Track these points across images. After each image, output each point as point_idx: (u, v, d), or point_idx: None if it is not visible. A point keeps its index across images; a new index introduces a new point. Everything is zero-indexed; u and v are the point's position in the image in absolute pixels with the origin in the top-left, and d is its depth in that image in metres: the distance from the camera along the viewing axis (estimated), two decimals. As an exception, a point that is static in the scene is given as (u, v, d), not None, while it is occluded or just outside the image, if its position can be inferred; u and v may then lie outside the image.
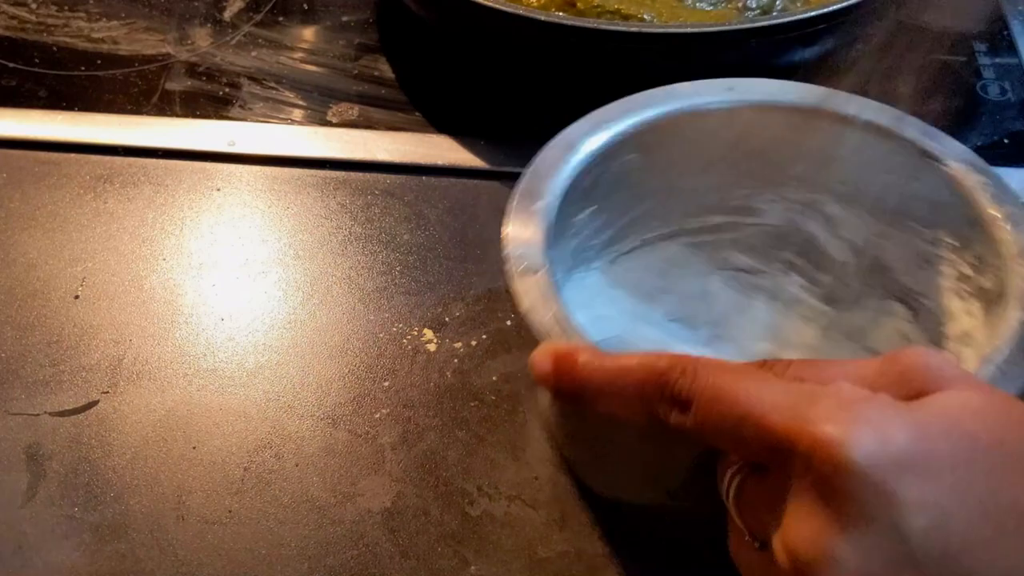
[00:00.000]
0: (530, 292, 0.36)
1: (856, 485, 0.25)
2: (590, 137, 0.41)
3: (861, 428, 0.26)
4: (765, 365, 0.31)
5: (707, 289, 0.46)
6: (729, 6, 0.59)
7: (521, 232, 0.38)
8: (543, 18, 0.51)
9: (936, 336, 0.41)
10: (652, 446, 0.36)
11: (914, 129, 0.41)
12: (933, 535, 0.25)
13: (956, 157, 0.40)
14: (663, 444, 0.34)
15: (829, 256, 0.44)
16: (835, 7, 0.51)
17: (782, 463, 0.27)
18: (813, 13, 0.51)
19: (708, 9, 0.58)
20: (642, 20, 0.56)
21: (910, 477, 0.25)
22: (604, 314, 0.45)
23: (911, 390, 0.28)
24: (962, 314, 0.40)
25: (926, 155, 0.40)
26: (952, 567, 0.25)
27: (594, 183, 0.41)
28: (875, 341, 0.43)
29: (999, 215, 0.38)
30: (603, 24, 0.52)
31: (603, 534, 0.41)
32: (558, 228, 0.40)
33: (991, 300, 0.38)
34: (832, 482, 0.25)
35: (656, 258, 0.47)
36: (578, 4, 0.57)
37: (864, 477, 0.25)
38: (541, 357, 0.33)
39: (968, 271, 0.40)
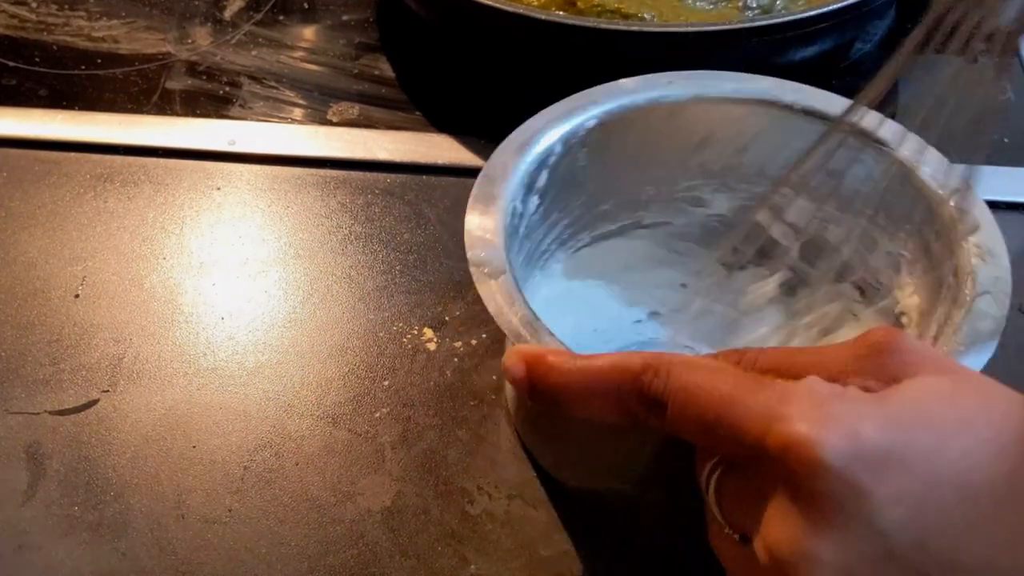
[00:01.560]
0: (496, 296, 0.36)
1: (830, 484, 0.25)
2: (540, 137, 0.41)
3: (832, 427, 0.26)
4: (735, 356, 0.31)
5: (665, 280, 0.47)
6: (729, 5, 0.59)
7: (481, 236, 0.38)
8: (543, 17, 0.51)
9: (890, 318, 0.41)
10: (622, 440, 0.36)
11: (855, 114, 0.41)
12: (910, 526, 0.25)
13: (899, 140, 0.40)
14: (629, 435, 0.34)
15: (778, 243, 0.45)
16: (835, 7, 0.51)
17: (757, 462, 0.27)
18: (813, 13, 0.51)
19: (708, 9, 0.58)
20: (642, 19, 0.56)
21: (883, 472, 0.25)
22: (568, 310, 0.45)
23: (883, 375, 0.28)
24: (915, 295, 0.40)
25: (869, 139, 0.41)
26: (932, 554, 0.26)
27: (547, 183, 0.42)
28: (832, 324, 0.44)
29: (945, 195, 0.39)
30: (603, 23, 0.52)
31: (602, 534, 0.41)
32: (516, 229, 0.40)
33: (943, 282, 0.38)
34: (807, 482, 0.26)
35: (613, 252, 0.47)
36: (578, 3, 0.57)
37: (837, 476, 0.25)
38: (513, 361, 0.33)
39: (918, 253, 0.40)
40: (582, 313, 0.46)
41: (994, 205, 0.54)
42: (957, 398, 0.27)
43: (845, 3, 0.52)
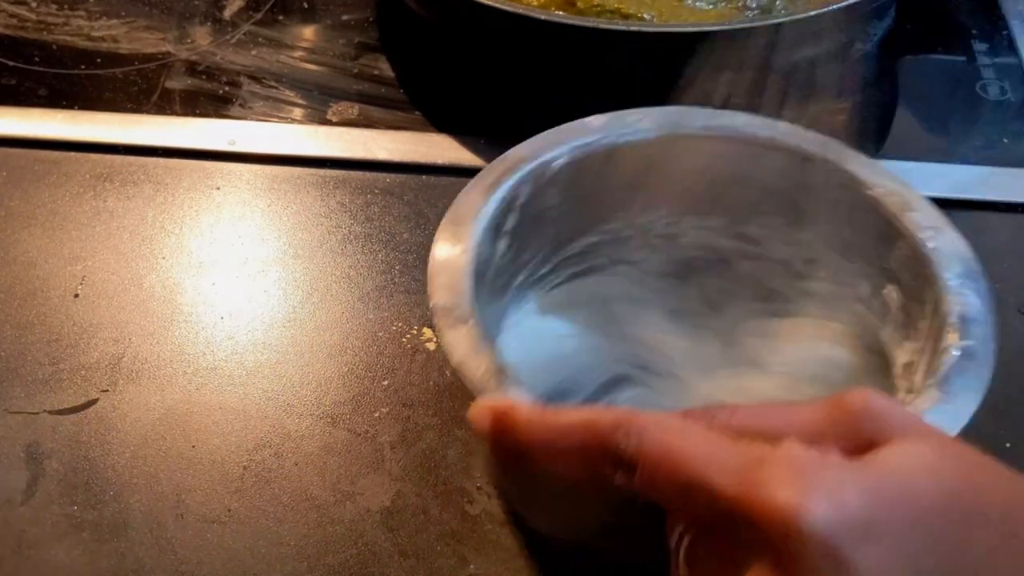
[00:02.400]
0: (461, 344, 0.35)
1: (812, 554, 0.25)
2: (507, 179, 0.41)
3: (814, 494, 0.25)
4: (705, 416, 0.30)
5: (638, 319, 0.45)
6: (729, 5, 0.59)
7: (446, 281, 0.37)
8: (542, 17, 0.51)
9: (873, 363, 0.41)
10: (590, 492, 0.34)
11: (831, 151, 0.41)
12: None
13: (878, 179, 0.40)
14: (601, 491, 0.34)
15: (752, 277, 0.44)
16: (835, 7, 0.51)
17: (733, 528, 0.26)
18: (813, 13, 0.51)
19: (708, 8, 0.58)
20: (642, 19, 0.56)
21: (866, 544, 0.25)
22: (541, 349, 0.45)
23: (860, 439, 0.27)
24: (897, 337, 0.40)
25: (846, 176, 0.40)
26: None
27: (515, 224, 0.41)
28: (809, 365, 0.43)
29: (923, 236, 0.38)
30: (603, 23, 0.52)
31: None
32: (483, 274, 0.39)
33: (924, 323, 0.38)
34: (787, 551, 0.25)
35: (587, 290, 0.46)
36: (578, 3, 0.57)
37: (820, 546, 0.24)
38: (479, 414, 0.31)
39: (894, 292, 0.40)
40: (555, 352, 0.45)
41: (994, 205, 0.54)
42: (940, 470, 0.27)
43: (845, 3, 0.51)
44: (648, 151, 0.42)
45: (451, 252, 0.38)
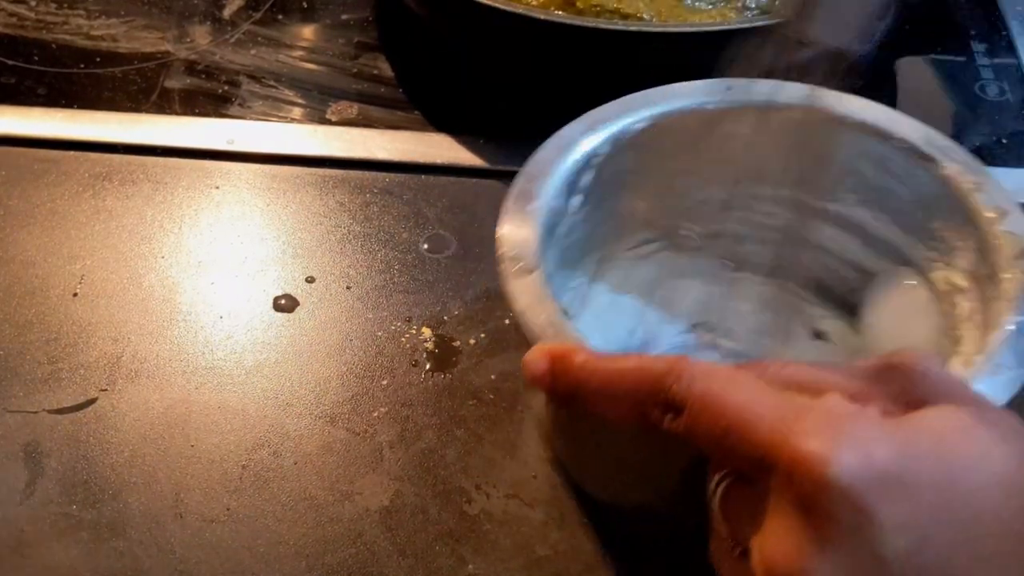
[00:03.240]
0: (525, 293, 0.36)
1: (835, 503, 0.25)
2: (585, 138, 0.41)
3: (844, 445, 0.25)
4: (758, 368, 0.31)
5: (695, 288, 0.46)
6: (728, 6, 0.59)
7: (516, 233, 0.38)
8: (542, 17, 0.51)
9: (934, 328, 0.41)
10: (645, 449, 0.35)
11: (908, 128, 0.41)
12: (911, 558, 0.25)
13: (950, 156, 0.40)
14: (656, 448, 0.34)
15: (811, 258, 0.44)
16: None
17: (765, 475, 0.27)
18: (812, 13, 0.51)
19: (707, 8, 0.58)
20: (641, 19, 0.56)
21: (891, 497, 0.25)
22: (597, 314, 0.45)
23: (906, 399, 0.28)
24: (954, 315, 0.40)
25: (920, 155, 0.40)
26: None
27: (589, 184, 0.41)
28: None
29: (994, 216, 0.38)
30: (602, 23, 0.52)
31: (600, 533, 0.41)
32: (553, 228, 0.39)
33: (984, 301, 0.38)
34: (812, 498, 0.25)
35: (647, 259, 0.47)
36: (577, 3, 0.57)
37: (844, 495, 0.25)
38: (536, 357, 0.33)
39: (960, 274, 0.40)
40: (619, 321, 0.45)
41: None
42: (975, 432, 0.27)
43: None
44: (730, 121, 0.42)
45: (522, 204, 0.38)
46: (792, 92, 0.42)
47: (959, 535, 0.25)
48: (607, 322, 0.45)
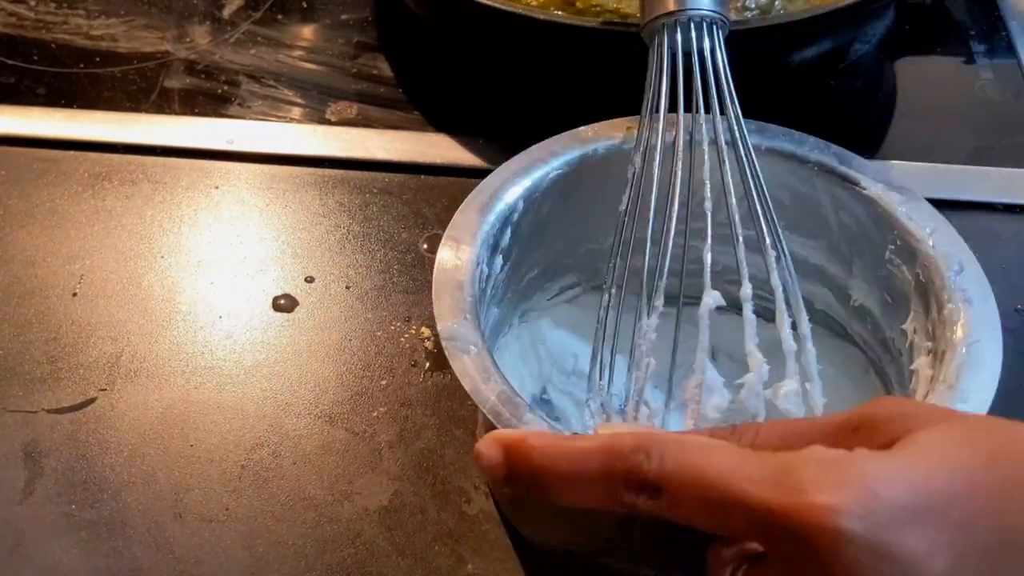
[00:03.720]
0: (469, 371, 0.35)
1: (861, 555, 0.24)
2: (501, 195, 0.41)
3: (845, 490, 0.24)
4: (728, 432, 0.30)
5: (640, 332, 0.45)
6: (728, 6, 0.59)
7: (449, 308, 0.36)
8: (541, 17, 0.51)
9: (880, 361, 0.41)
10: (610, 523, 0.34)
11: (823, 153, 0.41)
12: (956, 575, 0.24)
13: (874, 178, 0.40)
14: (623, 520, 0.33)
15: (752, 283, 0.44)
16: (835, 7, 0.51)
17: (776, 540, 0.26)
18: (812, 14, 0.51)
19: (707, 9, 0.58)
20: (641, 19, 0.56)
21: (913, 527, 0.24)
22: (541, 358, 0.45)
23: (887, 440, 0.27)
24: (904, 339, 0.39)
25: (845, 179, 0.41)
26: None
27: (510, 242, 0.41)
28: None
29: (921, 236, 0.38)
30: (602, 23, 0.52)
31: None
32: (484, 293, 0.39)
33: (929, 324, 0.37)
34: (831, 554, 0.24)
35: (571, 303, 0.46)
36: (577, 3, 0.57)
37: (866, 545, 0.24)
38: (487, 446, 0.30)
39: (896, 294, 0.40)
40: (554, 361, 0.45)
41: (992, 207, 0.54)
42: (974, 439, 0.26)
43: (844, 4, 0.51)
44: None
45: (453, 276, 0.38)
46: (704, 126, 0.42)
47: (994, 539, 0.25)
48: (540, 361, 0.44)
